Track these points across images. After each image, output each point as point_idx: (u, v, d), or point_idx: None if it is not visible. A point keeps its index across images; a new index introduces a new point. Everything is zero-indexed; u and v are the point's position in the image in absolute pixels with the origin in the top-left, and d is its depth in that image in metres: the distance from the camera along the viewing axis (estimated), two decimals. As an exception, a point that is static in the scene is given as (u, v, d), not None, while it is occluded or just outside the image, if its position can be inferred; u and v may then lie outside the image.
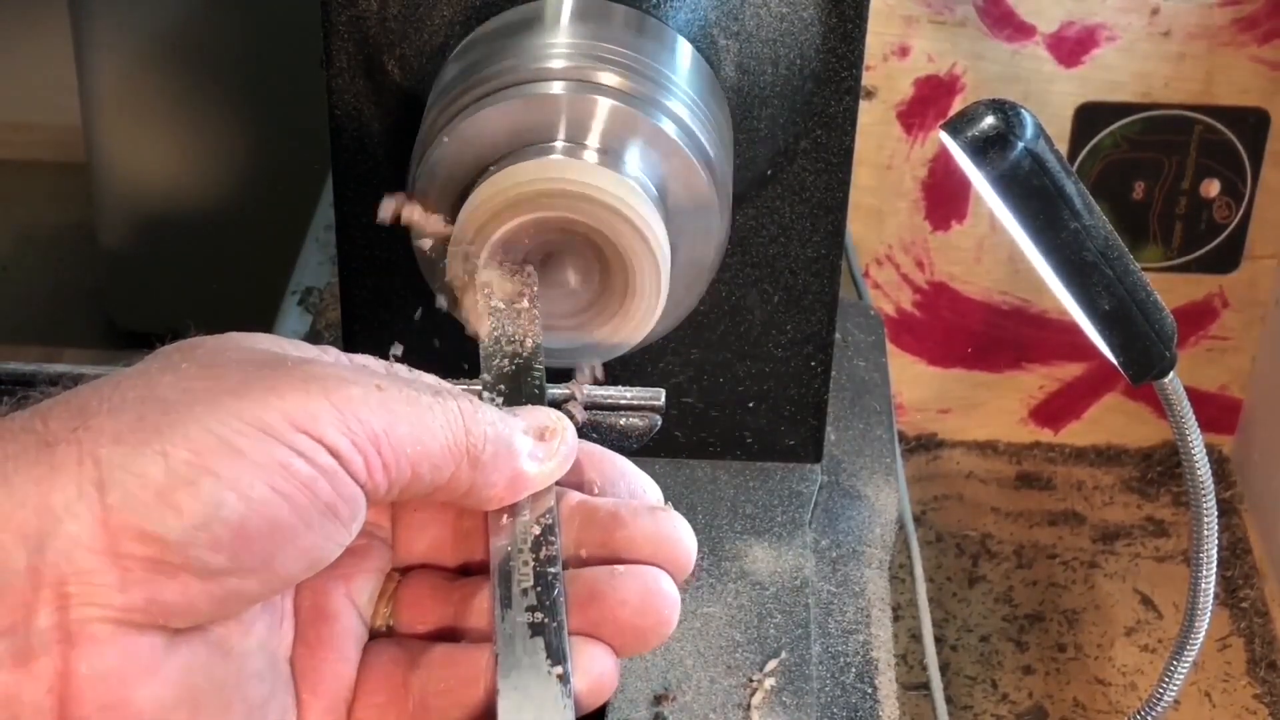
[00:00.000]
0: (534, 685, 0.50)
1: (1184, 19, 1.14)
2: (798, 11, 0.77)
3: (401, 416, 0.50)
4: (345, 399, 0.49)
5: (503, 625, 0.52)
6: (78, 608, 0.46)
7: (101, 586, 0.46)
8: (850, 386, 0.96)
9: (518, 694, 0.50)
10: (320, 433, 0.48)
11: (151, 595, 0.47)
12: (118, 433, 0.47)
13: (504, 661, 0.51)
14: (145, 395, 0.48)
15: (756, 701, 0.75)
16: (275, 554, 0.48)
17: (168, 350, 0.51)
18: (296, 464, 0.48)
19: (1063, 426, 1.30)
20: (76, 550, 0.46)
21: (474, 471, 0.52)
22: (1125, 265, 0.76)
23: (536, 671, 0.50)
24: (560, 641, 0.51)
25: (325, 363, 0.52)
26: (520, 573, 0.53)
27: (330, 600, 0.54)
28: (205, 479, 0.47)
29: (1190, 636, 0.82)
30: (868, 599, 0.83)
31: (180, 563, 0.47)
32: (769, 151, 0.79)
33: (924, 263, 1.23)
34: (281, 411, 0.48)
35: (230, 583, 0.48)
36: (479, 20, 0.75)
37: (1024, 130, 0.73)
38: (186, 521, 0.46)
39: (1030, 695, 1.12)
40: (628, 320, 0.69)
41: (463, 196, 0.68)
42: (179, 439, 0.47)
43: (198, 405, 0.48)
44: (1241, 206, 1.21)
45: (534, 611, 0.52)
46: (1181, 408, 0.80)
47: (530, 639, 0.51)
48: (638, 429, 0.61)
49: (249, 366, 0.50)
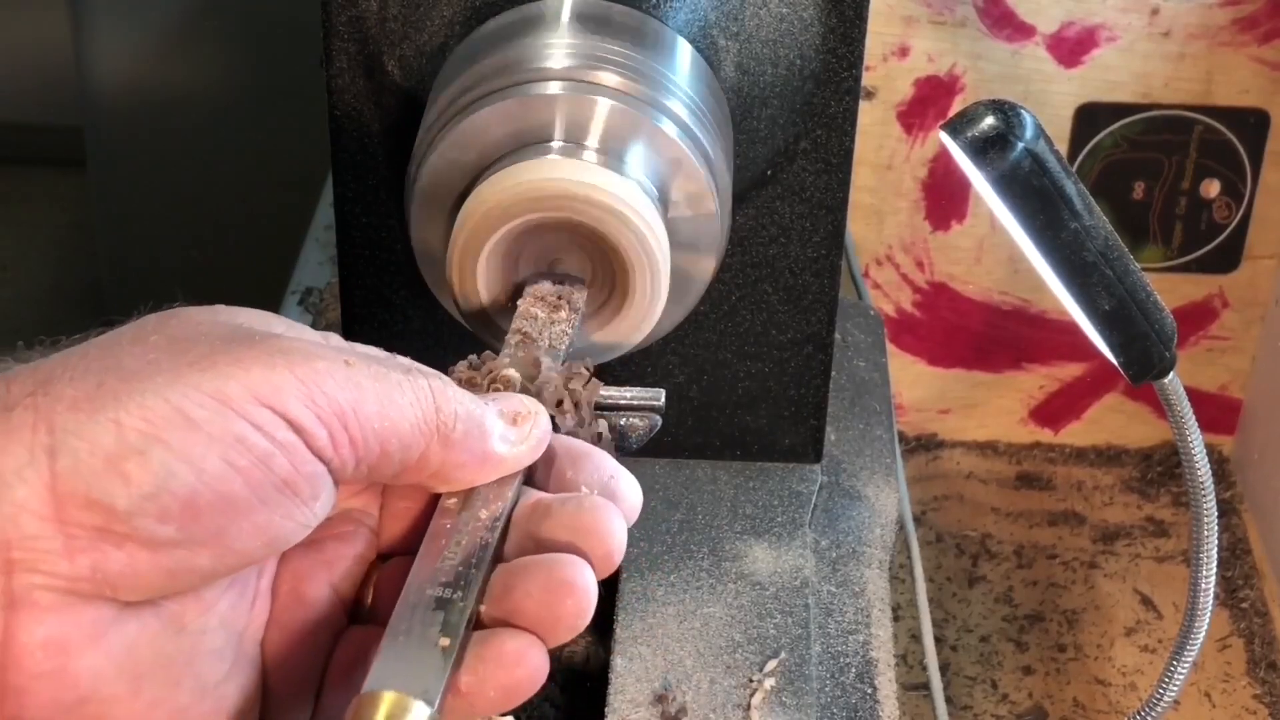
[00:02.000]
0: (415, 652, 0.49)
1: (1184, 19, 1.14)
2: (798, 11, 0.77)
3: (370, 392, 0.50)
4: (311, 372, 0.49)
5: (410, 595, 0.51)
6: (21, 574, 0.45)
7: (47, 553, 0.46)
8: (850, 386, 0.96)
9: (395, 658, 0.48)
10: (284, 406, 0.48)
11: (97, 564, 0.46)
12: (75, 399, 0.46)
13: (393, 626, 0.49)
14: (109, 364, 0.48)
15: (756, 701, 0.75)
16: (227, 528, 0.48)
17: (145, 320, 0.51)
18: (253, 437, 0.47)
19: (1063, 426, 1.30)
20: (23, 515, 0.45)
21: (445, 450, 0.52)
22: (1125, 265, 0.76)
23: (423, 641, 0.49)
24: (459, 619, 0.50)
25: (295, 338, 0.51)
26: (449, 551, 0.52)
27: (311, 586, 0.54)
28: (156, 448, 0.46)
29: (1190, 636, 0.82)
30: (868, 599, 0.83)
31: (126, 532, 0.46)
32: (769, 151, 0.79)
33: (924, 263, 1.23)
34: (243, 383, 0.48)
35: (179, 555, 0.47)
36: (479, 20, 0.75)
37: (1024, 130, 0.73)
38: (134, 490, 0.46)
39: (1030, 695, 1.12)
40: (627, 321, 0.69)
41: (463, 196, 0.68)
42: (134, 407, 0.46)
43: (159, 375, 0.47)
44: (1241, 206, 1.21)
45: (446, 588, 0.51)
46: (1181, 408, 0.80)
47: (431, 611, 0.50)
48: (638, 429, 0.61)
49: (216, 340, 0.49)
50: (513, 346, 0.63)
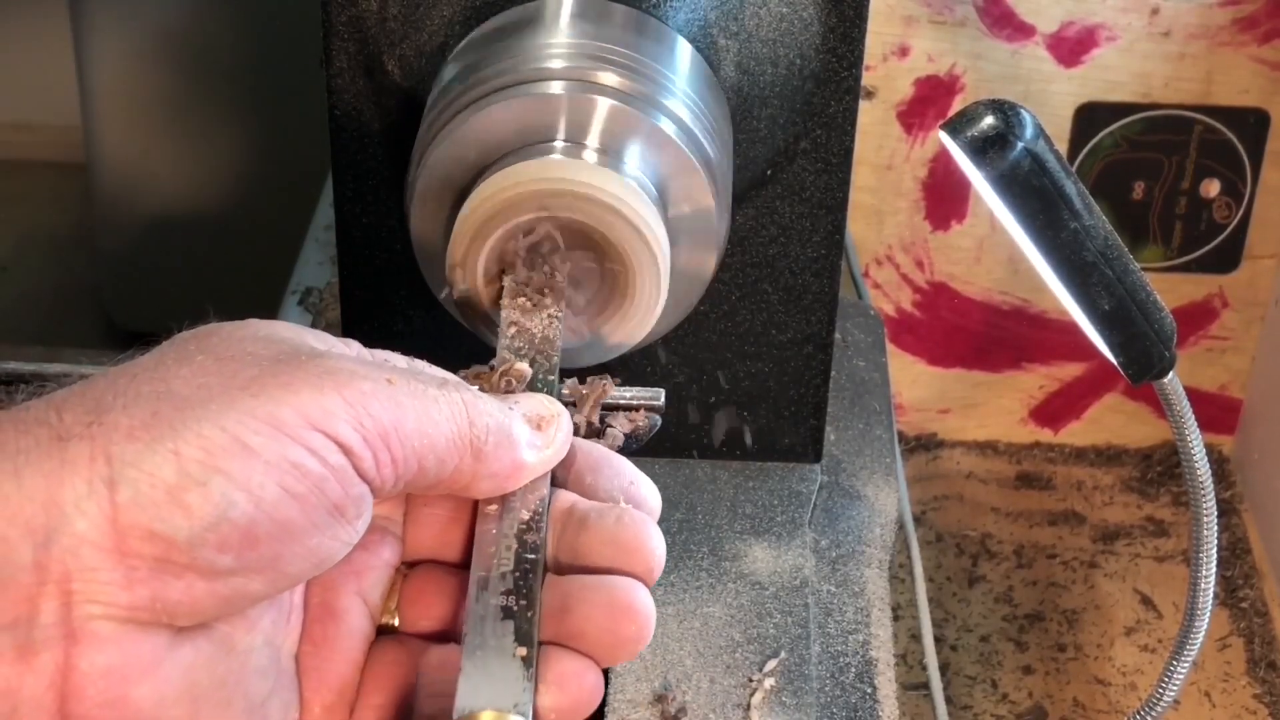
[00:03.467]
0: (496, 666, 0.49)
1: (1184, 19, 1.14)
2: (798, 11, 0.77)
3: (409, 410, 0.50)
4: (357, 394, 0.49)
5: (475, 606, 0.51)
6: (81, 605, 0.46)
7: (106, 584, 0.46)
8: (850, 386, 0.96)
9: (479, 674, 0.49)
10: (334, 429, 0.48)
11: (156, 594, 0.46)
12: (131, 429, 0.47)
13: (469, 642, 0.50)
14: (160, 390, 0.48)
15: (756, 701, 0.75)
16: (282, 554, 0.48)
17: (184, 338, 0.51)
18: (308, 462, 0.48)
19: (1063, 426, 1.30)
20: (83, 547, 0.46)
21: (476, 463, 0.52)
22: (1125, 265, 0.76)
23: (501, 653, 0.50)
24: (530, 626, 0.51)
25: (337, 355, 0.51)
26: (502, 557, 0.52)
27: (340, 597, 0.54)
28: (216, 479, 0.46)
29: (1190, 636, 0.82)
30: (868, 599, 0.83)
31: (187, 563, 0.47)
32: (769, 151, 0.79)
33: (924, 263, 1.23)
34: (295, 407, 0.48)
35: (236, 582, 0.48)
36: (479, 20, 0.75)
37: (1024, 130, 0.73)
38: (195, 522, 0.46)
39: (1030, 695, 1.12)
40: (627, 320, 0.69)
41: (463, 196, 0.68)
42: (191, 437, 0.47)
43: (212, 402, 0.48)
44: (1241, 206, 1.21)
45: (509, 595, 0.51)
46: (1181, 408, 0.80)
47: (501, 621, 0.51)
48: (638, 429, 0.61)
49: (264, 360, 0.50)
50: (509, 338, 0.63)
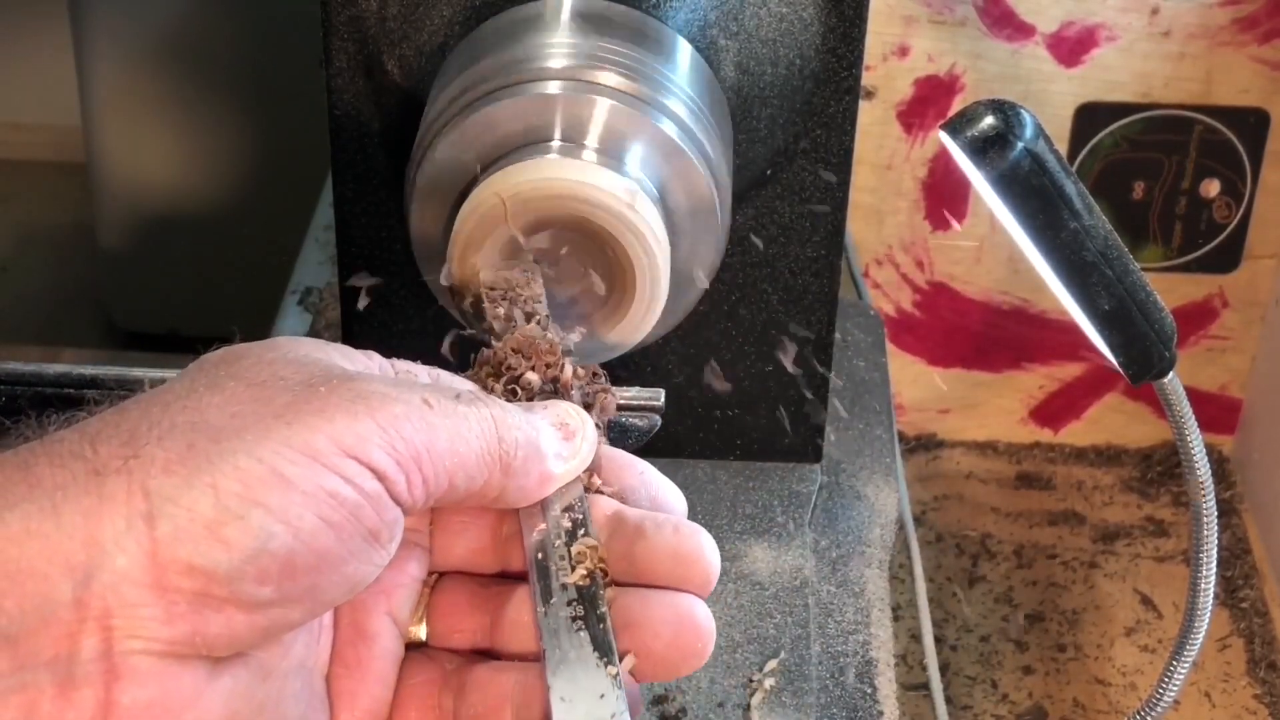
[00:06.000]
0: (585, 681, 0.50)
1: (1184, 19, 1.14)
2: (798, 11, 0.77)
3: (441, 430, 0.50)
4: (390, 418, 0.49)
5: (545, 620, 0.51)
6: (122, 640, 0.46)
7: (147, 620, 0.46)
8: (850, 386, 0.96)
9: (571, 689, 0.49)
10: (368, 456, 0.48)
11: (196, 628, 0.46)
12: (167, 462, 0.47)
13: (551, 657, 0.50)
14: (195, 420, 0.48)
15: (756, 701, 0.75)
16: (320, 583, 0.48)
17: (212, 361, 0.51)
18: (344, 491, 0.48)
19: (1063, 426, 1.30)
20: (123, 584, 0.45)
21: (505, 477, 0.52)
22: (1125, 265, 0.76)
23: (586, 667, 0.50)
24: (606, 636, 0.51)
25: (369, 378, 0.51)
26: (558, 565, 0.53)
27: (371, 618, 0.54)
28: (255, 511, 0.46)
29: (1190, 636, 0.82)
30: (867, 599, 0.83)
31: (226, 596, 0.46)
32: (769, 151, 0.79)
33: (924, 263, 1.23)
34: (329, 435, 0.48)
35: (275, 613, 0.48)
36: (479, 20, 0.75)
37: (1024, 130, 0.73)
38: (235, 555, 0.46)
39: (1030, 695, 1.12)
40: (627, 320, 0.69)
41: (463, 196, 0.68)
42: (228, 469, 0.46)
43: (247, 432, 0.47)
44: (1241, 206, 1.21)
45: (575, 604, 0.51)
46: (1181, 408, 0.80)
47: (575, 633, 0.51)
48: (638, 429, 0.61)
49: (296, 385, 0.49)
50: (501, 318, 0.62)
